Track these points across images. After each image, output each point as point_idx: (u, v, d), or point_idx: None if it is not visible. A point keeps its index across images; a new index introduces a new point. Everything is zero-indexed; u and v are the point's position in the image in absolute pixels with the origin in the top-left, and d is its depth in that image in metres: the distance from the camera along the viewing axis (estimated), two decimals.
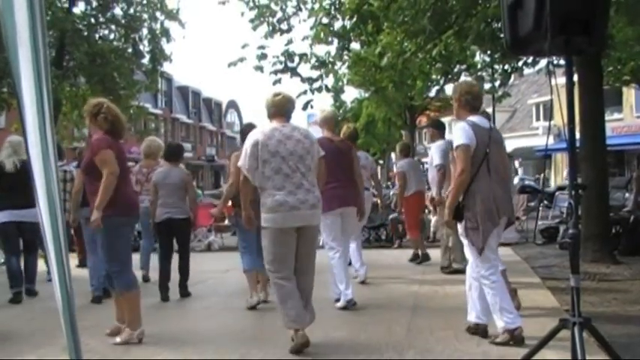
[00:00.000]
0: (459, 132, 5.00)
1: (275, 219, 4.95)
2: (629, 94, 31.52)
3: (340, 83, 17.13)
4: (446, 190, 7.08)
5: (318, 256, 5.36)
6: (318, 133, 6.69)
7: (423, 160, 23.08)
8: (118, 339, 5.34)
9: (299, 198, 4.98)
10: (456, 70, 15.66)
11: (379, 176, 13.70)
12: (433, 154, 8.55)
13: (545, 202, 16.43)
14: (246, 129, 6.26)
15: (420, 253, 9.92)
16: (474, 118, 5.11)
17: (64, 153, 10.12)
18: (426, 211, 11.24)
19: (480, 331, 5.12)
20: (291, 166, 5.01)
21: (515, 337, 4.78)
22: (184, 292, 7.50)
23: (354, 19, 11.35)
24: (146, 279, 8.37)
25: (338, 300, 6.59)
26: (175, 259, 7.62)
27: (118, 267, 5.32)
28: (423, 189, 10.18)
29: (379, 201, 10.57)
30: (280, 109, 5.26)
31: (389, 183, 26.80)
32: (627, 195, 14.10)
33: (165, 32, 22.52)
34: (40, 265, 7.64)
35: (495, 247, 5.09)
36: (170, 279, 7.46)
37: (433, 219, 11.26)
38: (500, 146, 5.21)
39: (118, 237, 5.34)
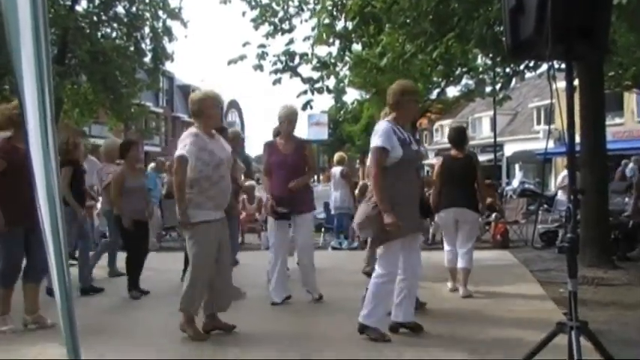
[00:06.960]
0: None
1: None
2: (630, 99, 31.46)
3: (341, 85, 17.12)
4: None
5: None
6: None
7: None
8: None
9: None
10: (457, 72, 15.62)
11: None
12: None
13: (545, 205, 16.43)
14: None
15: None
16: None
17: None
18: None
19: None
20: None
21: None
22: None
23: (356, 20, 11.31)
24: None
25: None
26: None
27: None
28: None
29: None
30: None
31: None
32: (627, 200, 14.08)
33: (168, 31, 22.56)
34: None
35: None
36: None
37: None
38: None
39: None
